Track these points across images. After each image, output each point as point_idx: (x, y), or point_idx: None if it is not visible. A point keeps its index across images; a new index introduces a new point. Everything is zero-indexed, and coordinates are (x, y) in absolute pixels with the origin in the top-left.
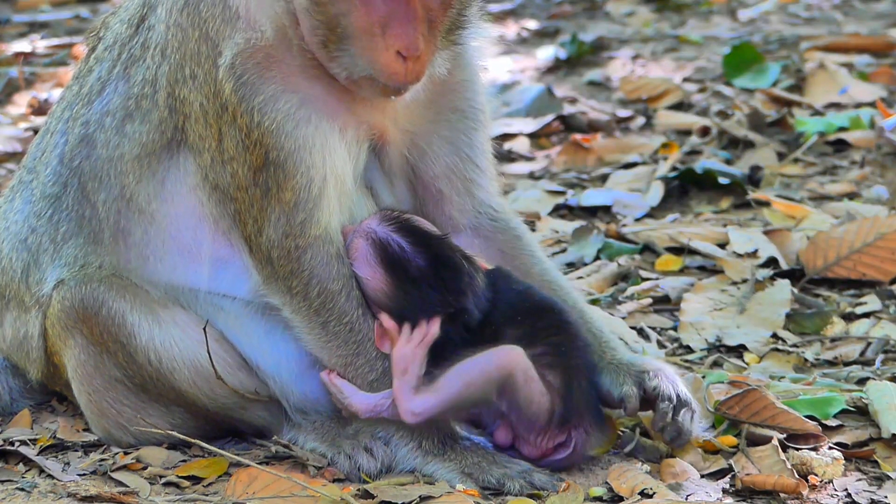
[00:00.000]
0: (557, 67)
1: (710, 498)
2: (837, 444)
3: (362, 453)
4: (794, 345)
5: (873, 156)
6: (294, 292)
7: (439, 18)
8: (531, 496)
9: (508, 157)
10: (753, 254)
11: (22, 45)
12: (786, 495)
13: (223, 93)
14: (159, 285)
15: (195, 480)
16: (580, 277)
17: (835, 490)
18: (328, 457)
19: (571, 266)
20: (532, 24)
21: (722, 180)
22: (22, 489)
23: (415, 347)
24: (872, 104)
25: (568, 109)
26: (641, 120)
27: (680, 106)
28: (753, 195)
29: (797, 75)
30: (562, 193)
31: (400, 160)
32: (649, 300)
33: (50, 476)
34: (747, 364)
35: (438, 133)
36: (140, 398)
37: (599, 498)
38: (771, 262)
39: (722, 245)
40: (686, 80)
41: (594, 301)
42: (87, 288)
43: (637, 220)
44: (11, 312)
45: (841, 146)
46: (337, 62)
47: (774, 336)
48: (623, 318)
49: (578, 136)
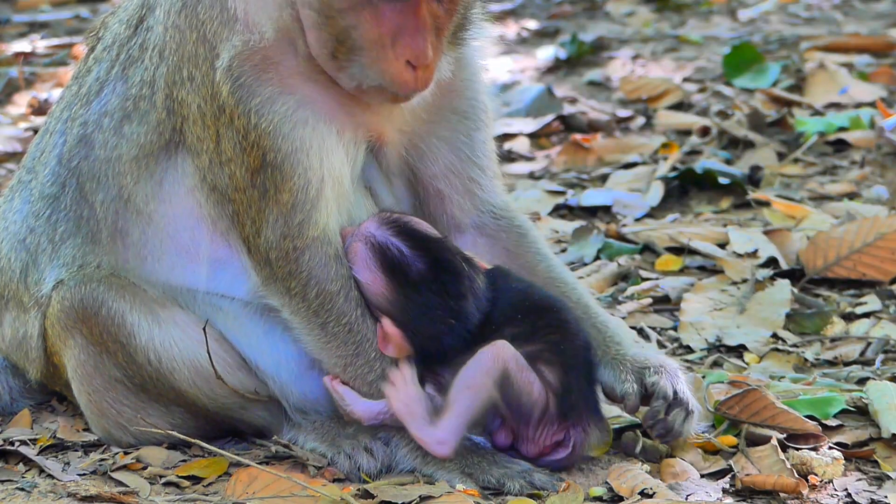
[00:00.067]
0: (557, 67)
1: (710, 498)
2: (837, 444)
3: (362, 453)
4: (794, 345)
5: (873, 156)
6: (293, 293)
7: (445, 25)
8: (531, 496)
9: (508, 157)
10: (753, 254)
11: (22, 45)
12: (786, 495)
13: (221, 95)
14: (157, 285)
15: (195, 480)
16: (580, 277)
17: (835, 490)
18: (328, 457)
19: (571, 266)
20: (532, 24)
21: (722, 180)
22: (22, 489)
23: (407, 389)
24: (872, 104)
25: (568, 109)
26: (641, 120)
27: (680, 106)
28: (753, 195)
29: (797, 75)
30: (562, 193)
31: (398, 160)
32: (649, 300)
33: (50, 476)
34: (747, 364)
35: (438, 133)
36: (140, 398)
37: (599, 498)
38: (771, 262)
39: (722, 245)
40: (686, 80)
41: None
42: (87, 288)
43: (637, 220)
44: (10, 312)
45: (841, 146)
46: (346, 73)
47: (774, 336)
48: (623, 318)
49: (578, 136)
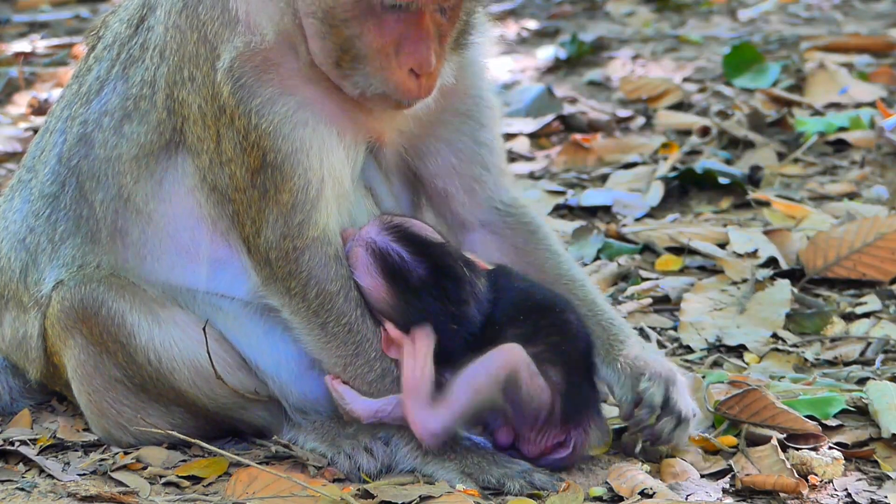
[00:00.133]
0: (557, 67)
1: (710, 498)
2: (837, 444)
3: (362, 453)
4: (794, 345)
5: (873, 156)
6: (292, 293)
7: (448, 32)
8: (531, 496)
9: (509, 158)
10: (753, 254)
11: (22, 45)
12: (786, 495)
13: (221, 95)
14: (157, 285)
15: (195, 480)
16: None
17: (835, 490)
18: (328, 457)
19: None
20: (532, 24)
21: (722, 180)
22: (22, 489)
23: (424, 362)
24: (872, 104)
25: (568, 109)
26: (641, 120)
27: (680, 106)
28: (753, 195)
29: (797, 75)
30: (562, 193)
31: (399, 160)
32: (649, 300)
33: (50, 476)
34: (747, 364)
35: (441, 132)
36: (140, 398)
37: (599, 498)
38: (771, 262)
39: (722, 245)
40: (686, 80)
41: None
42: (87, 288)
43: (637, 220)
44: (10, 312)
45: (841, 146)
46: (349, 81)
47: (774, 336)
48: (623, 318)
49: (578, 136)
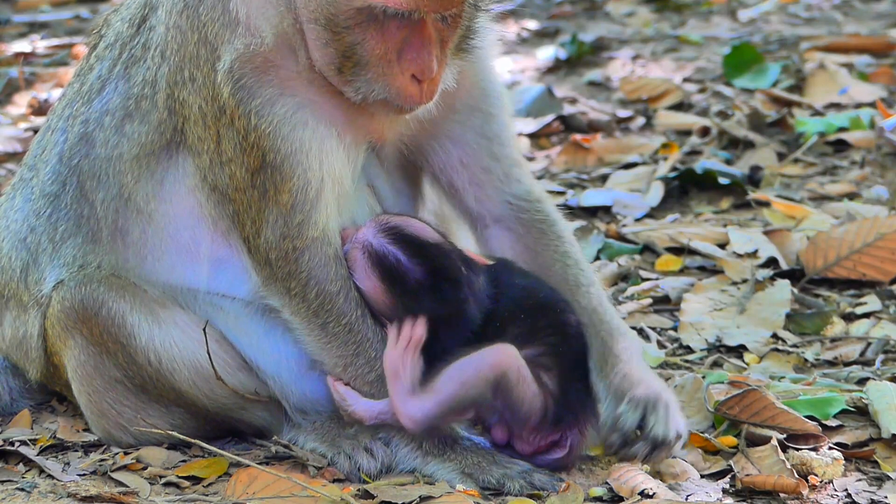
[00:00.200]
0: (557, 67)
1: (710, 498)
2: (837, 444)
3: (362, 453)
4: (794, 345)
5: (873, 156)
6: (292, 294)
7: (450, 37)
8: (531, 496)
9: None
10: (753, 254)
11: (22, 45)
12: (786, 495)
13: (221, 96)
14: (157, 284)
15: (195, 480)
16: None
17: (835, 490)
18: (328, 457)
19: None
20: (532, 24)
21: (722, 180)
22: (22, 489)
23: (403, 351)
24: (872, 104)
25: (568, 109)
26: (641, 120)
27: (680, 106)
28: (753, 195)
29: (797, 75)
30: (562, 193)
31: (402, 158)
32: (649, 300)
33: (50, 476)
34: (747, 364)
35: (446, 127)
36: (140, 398)
37: (599, 498)
38: (771, 263)
39: (722, 245)
40: (686, 81)
41: None
42: (87, 288)
43: (637, 221)
44: (11, 312)
45: (841, 146)
46: (351, 86)
47: (774, 336)
48: (623, 319)
49: (578, 137)
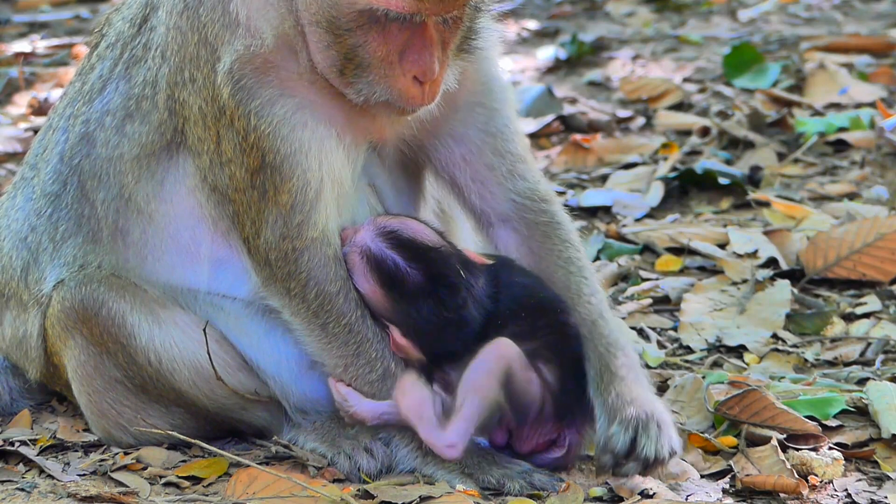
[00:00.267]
0: (557, 67)
1: (710, 498)
2: (837, 445)
3: (362, 453)
4: (794, 345)
5: (873, 156)
6: (292, 294)
7: (451, 39)
8: (531, 496)
9: None
10: (753, 254)
11: (22, 45)
12: (786, 495)
13: (221, 97)
14: (158, 285)
15: (195, 480)
16: None
17: (835, 490)
18: (328, 457)
19: None
20: (532, 24)
21: (722, 180)
22: (22, 489)
23: (415, 393)
24: (872, 104)
25: (568, 109)
26: (641, 120)
27: (680, 106)
28: (753, 195)
29: (797, 75)
30: (562, 194)
31: (403, 157)
32: (649, 300)
33: (50, 476)
34: (747, 364)
35: (448, 125)
36: (140, 399)
37: (599, 498)
38: (771, 263)
39: (722, 245)
40: (686, 81)
41: None
42: (87, 289)
43: (637, 221)
44: (11, 311)
45: (841, 146)
46: (353, 88)
47: (774, 336)
48: (623, 319)
49: (578, 137)
